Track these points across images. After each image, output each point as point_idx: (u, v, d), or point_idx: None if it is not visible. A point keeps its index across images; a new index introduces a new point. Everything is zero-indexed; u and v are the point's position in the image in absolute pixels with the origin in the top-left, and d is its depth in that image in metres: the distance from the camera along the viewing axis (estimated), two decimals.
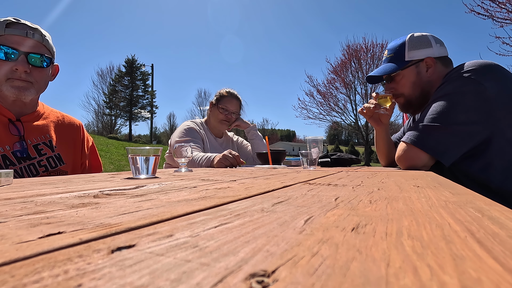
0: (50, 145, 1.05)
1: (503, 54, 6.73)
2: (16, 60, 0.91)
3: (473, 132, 0.93)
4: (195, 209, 0.27)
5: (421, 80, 1.17)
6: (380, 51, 17.14)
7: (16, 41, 0.91)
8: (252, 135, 1.82)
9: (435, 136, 0.96)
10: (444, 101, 0.97)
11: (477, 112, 0.92)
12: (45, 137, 1.04)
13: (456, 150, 0.94)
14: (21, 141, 0.96)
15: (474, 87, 0.93)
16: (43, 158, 1.01)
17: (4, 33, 0.89)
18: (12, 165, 0.93)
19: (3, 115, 0.95)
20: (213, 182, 0.55)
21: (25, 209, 0.27)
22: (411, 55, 1.17)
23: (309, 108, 18.74)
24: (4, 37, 0.90)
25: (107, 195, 0.36)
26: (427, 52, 1.15)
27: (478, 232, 0.19)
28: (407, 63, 1.18)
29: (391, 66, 1.21)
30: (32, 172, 0.99)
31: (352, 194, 0.37)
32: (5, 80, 0.92)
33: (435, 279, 0.12)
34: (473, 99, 0.93)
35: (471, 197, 0.34)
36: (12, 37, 0.90)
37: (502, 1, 6.11)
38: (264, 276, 0.12)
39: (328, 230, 0.20)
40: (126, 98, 29.15)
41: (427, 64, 1.15)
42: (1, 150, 0.92)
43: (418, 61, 1.17)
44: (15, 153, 0.94)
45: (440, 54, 1.16)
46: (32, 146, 0.99)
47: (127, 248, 0.16)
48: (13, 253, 0.15)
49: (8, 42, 0.90)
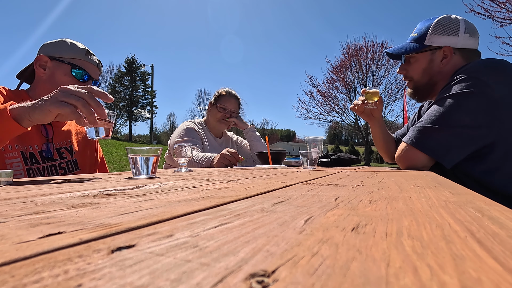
0: (70, 150, 1.14)
1: (503, 54, 6.73)
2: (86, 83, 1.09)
3: (477, 136, 0.89)
4: (195, 209, 0.27)
5: (432, 69, 1.11)
6: (380, 51, 17.13)
7: (91, 68, 1.11)
8: (251, 136, 1.82)
9: (436, 137, 0.93)
10: (448, 101, 0.94)
11: (482, 114, 0.89)
12: (66, 142, 1.14)
13: (457, 153, 0.91)
14: (48, 143, 1.05)
15: (479, 89, 0.89)
16: (63, 161, 1.10)
17: (83, 58, 1.09)
18: (37, 163, 1.00)
19: None
20: (213, 182, 0.55)
21: (25, 209, 0.27)
22: (431, 40, 1.09)
23: (309, 108, 18.75)
24: (82, 62, 1.09)
25: (107, 195, 0.36)
26: (449, 41, 1.07)
27: (478, 232, 0.19)
28: (424, 48, 1.11)
29: (409, 46, 1.15)
30: (52, 173, 1.05)
31: (352, 194, 0.37)
32: None
33: (435, 279, 0.12)
34: (479, 100, 0.89)
35: (471, 197, 0.34)
36: (89, 64, 1.11)
37: (502, 1, 6.11)
38: (264, 276, 0.12)
39: (328, 230, 0.20)
40: (126, 98, 29.14)
41: (444, 54, 1.08)
42: (31, 148, 1.00)
43: (435, 48, 1.09)
44: (41, 153, 1.02)
45: (464, 46, 1.07)
46: (55, 148, 1.08)
47: (127, 248, 0.16)
48: (13, 253, 0.15)
49: (85, 67, 1.09)
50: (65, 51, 1.07)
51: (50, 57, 1.05)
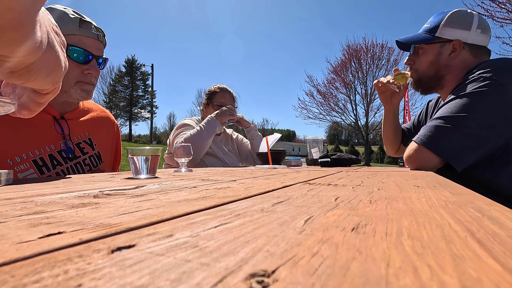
0: (90, 143, 1.02)
1: (503, 54, 6.73)
2: (89, 64, 0.90)
3: (490, 137, 0.87)
4: (195, 209, 0.27)
5: (439, 62, 1.09)
6: (380, 51, 17.14)
7: (90, 44, 0.89)
8: (252, 135, 1.82)
9: (448, 138, 0.90)
10: (461, 101, 0.90)
11: (496, 115, 0.86)
12: (85, 134, 1.01)
13: (469, 155, 0.88)
14: (66, 140, 0.93)
15: (494, 89, 0.87)
16: (86, 157, 0.99)
17: (77, 33, 0.86)
18: (59, 165, 0.90)
19: (48, 113, 0.91)
20: (213, 182, 0.55)
21: (25, 209, 0.27)
22: (442, 32, 1.08)
23: (309, 108, 18.76)
24: (78, 38, 0.87)
25: (107, 195, 0.36)
26: (460, 35, 1.05)
27: (478, 232, 0.19)
28: (435, 39, 1.09)
29: (419, 36, 1.13)
30: (79, 171, 0.96)
31: (352, 194, 0.37)
32: (74, 82, 0.90)
33: (435, 279, 0.12)
34: (493, 101, 0.86)
35: (471, 197, 0.34)
36: (86, 39, 0.88)
37: (502, 1, 6.11)
38: (264, 276, 0.12)
39: (328, 230, 0.20)
40: (126, 98, 29.15)
41: (453, 47, 1.06)
42: (48, 149, 0.88)
43: (445, 41, 1.07)
44: (61, 153, 0.91)
45: (474, 42, 1.05)
46: (75, 144, 0.96)
47: (127, 248, 0.16)
48: (13, 253, 0.15)
49: (82, 44, 0.87)
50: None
51: None
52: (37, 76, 0.32)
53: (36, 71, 0.32)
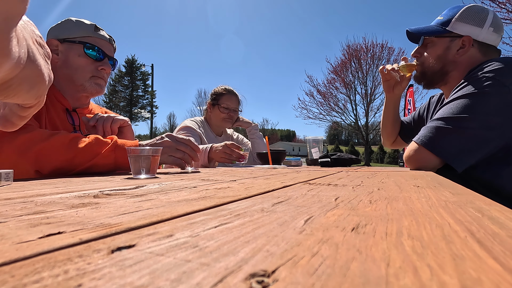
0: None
1: (503, 54, 6.72)
2: (102, 61, 1.05)
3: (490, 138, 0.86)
4: (195, 209, 0.27)
5: (446, 57, 1.07)
6: (380, 51, 17.15)
7: (103, 44, 1.05)
8: (253, 134, 1.82)
9: (448, 139, 0.89)
10: (462, 102, 0.89)
11: (497, 116, 0.85)
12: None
13: (470, 156, 0.87)
14: (76, 131, 1.02)
15: (496, 89, 0.86)
16: None
17: (93, 35, 1.03)
18: None
19: (61, 103, 1.01)
20: (213, 182, 0.55)
21: (25, 209, 0.27)
22: (454, 26, 1.05)
23: (309, 108, 18.77)
24: (93, 39, 1.03)
25: (107, 195, 0.36)
26: (471, 31, 1.02)
27: (478, 232, 0.19)
28: (445, 33, 1.06)
29: (430, 28, 1.10)
30: None
31: (352, 194, 0.37)
32: (89, 77, 1.04)
33: (435, 279, 0.12)
34: (494, 102, 0.85)
35: (471, 197, 0.34)
36: (100, 40, 1.04)
37: (502, 1, 6.11)
38: (264, 276, 0.12)
39: (328, 230, 0.20)
40: (126, 98, 29.15)
41: (462, 43, 1.04)
42: None
43: (456, 36, 1.05)
44: None
45: (484, 40, 1.03)
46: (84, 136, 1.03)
47: (127, 248, 0.16)
48: (13, 253, 0.15)
49: (97, 44, 1.03)
50: (73, 30, 1.01)
51: (59, 40, 1.00)
52: (18, 91, 0.31)
53: (16, 87, 0.31)
